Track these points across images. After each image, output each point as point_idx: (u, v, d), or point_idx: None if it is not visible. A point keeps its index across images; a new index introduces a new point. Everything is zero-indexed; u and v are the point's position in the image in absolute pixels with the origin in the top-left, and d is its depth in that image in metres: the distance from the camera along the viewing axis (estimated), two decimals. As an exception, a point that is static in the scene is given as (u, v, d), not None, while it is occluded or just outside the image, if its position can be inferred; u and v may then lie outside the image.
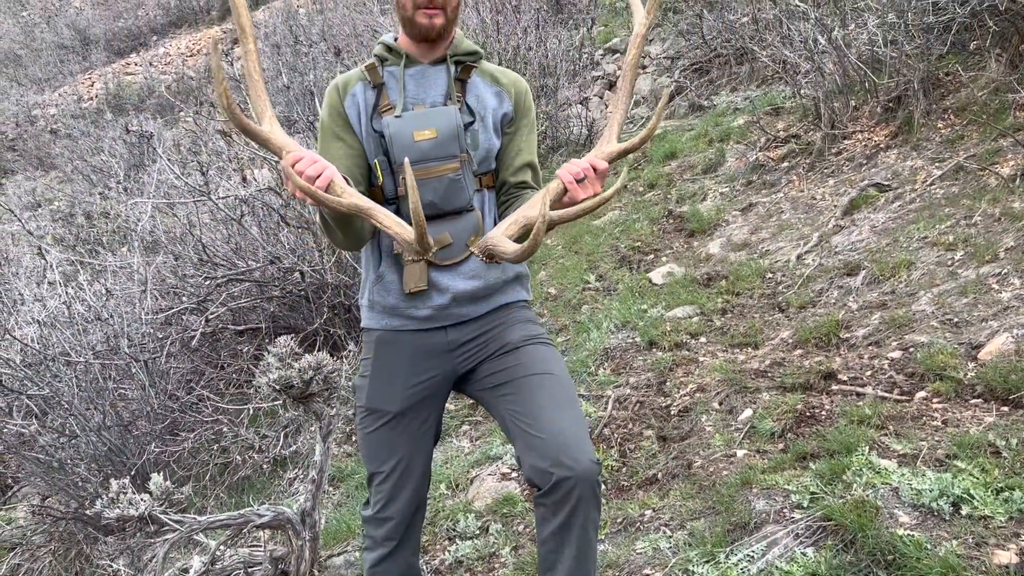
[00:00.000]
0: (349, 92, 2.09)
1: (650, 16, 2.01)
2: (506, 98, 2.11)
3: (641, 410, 3.48)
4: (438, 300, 2.06)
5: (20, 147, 17.56)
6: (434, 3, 1.98)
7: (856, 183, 4.84)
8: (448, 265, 2.05)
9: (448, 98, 2.06)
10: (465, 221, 2.03)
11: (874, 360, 3.32)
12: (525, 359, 2.05)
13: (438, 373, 2.11)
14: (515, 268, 2.16)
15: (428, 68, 2.09)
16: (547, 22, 9.64)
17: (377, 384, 2.12)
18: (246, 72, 1.82)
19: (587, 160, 1.89)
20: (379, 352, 2.14)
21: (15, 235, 10.20)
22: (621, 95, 2.01)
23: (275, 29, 17.29)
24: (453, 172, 2.00)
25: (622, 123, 2.00)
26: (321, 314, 4.76)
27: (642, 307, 4.37)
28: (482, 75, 2.13)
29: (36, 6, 27.40)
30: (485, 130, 2.07)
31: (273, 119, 1.83)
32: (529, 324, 2.15)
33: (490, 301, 2.12)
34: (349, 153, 2.06)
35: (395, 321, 2.12)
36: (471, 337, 2.11)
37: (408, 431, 2.11)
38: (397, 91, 2.06)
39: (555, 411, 1.92)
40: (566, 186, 1.86)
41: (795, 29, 5.97)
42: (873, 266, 3.97)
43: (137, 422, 4.25)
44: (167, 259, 5.06)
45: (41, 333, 4.31)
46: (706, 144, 6.54)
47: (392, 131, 2.00)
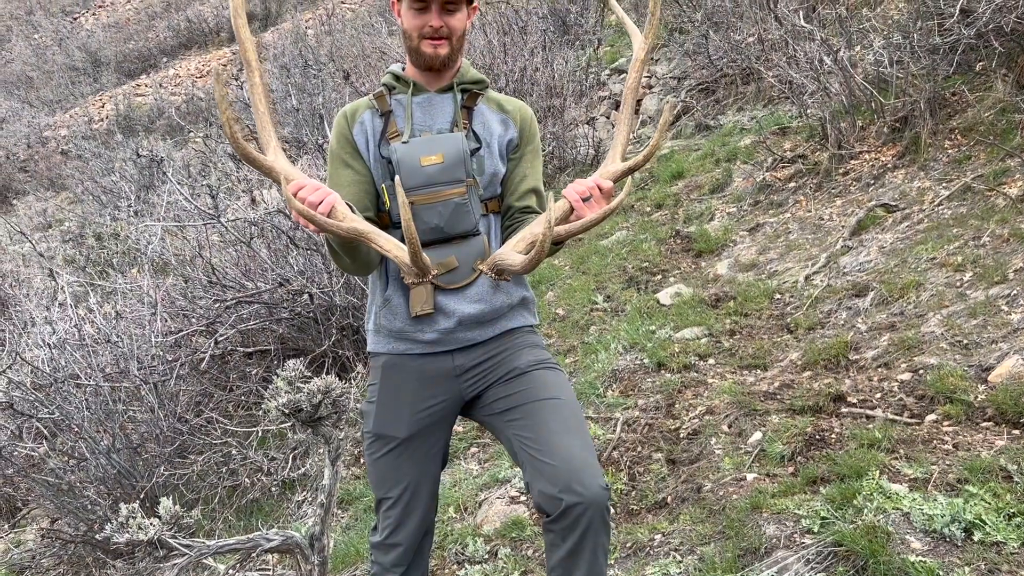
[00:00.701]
0: (357, 120, 2.13)
1: (648, 41, 2.04)
2: (511, 125, 2.14)
3: (650, 433, 3.47)
4: (444, 324, 2.08)
5: (31, 168, 17.74)
6: (439, 33, 2.02)
7: (864, 203, 4.85)
8: (454, 289, 2.07)
9: (454, 125, 2.09)
10: (471, 245, 2.05)
11: (884, 382, 3.30)
12: (533, 384, 2.05)
13: (445, 398, 2.12)
14: (521, 292, 2.18)
15: (435, 96, 2.12)
16: (554, 43, 9.72)
17: (384, 409, 2.13)
18: (252, 104, 1.86)
19: (592, 180, 1.92)
20: (385, 377, 2.15)
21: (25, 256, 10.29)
22: (624, 117, 2.05)
23: (284, 51, 17.46)
24: (459, 196, 2.03)
25: (626, 144, 2.03)
26: (330, 336, 4.77)
27: (650, 328, 4.36)
28: (488, 102, 2.16)
29: (48, 29, 27.76)
30: (491, 156, 2.10)
31: (278, 149, 1.86)
32: (536, 349, 2.16)
33: (496, 326, 2.13)
34: (357, 179, 2.09)
35: (401, 345, 2.13)
36: (478, 362, 2.11)
37: (415, 457, 2.11)
38: (404, 118, 2.09)
39: (564, 437, 1.92)
40: (572, 205, 1.89)
41: (801, 50, 6.00)
42: (882, 287, 3.96)
43: (146, 444, 4.26)
44: (177, 281, 5.09)
45: (51, 355, 4.34)
46: (713, 164, 6.56)
47: (399, 156, 2.03)
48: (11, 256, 10.77)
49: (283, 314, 4.85)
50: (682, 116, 8.41)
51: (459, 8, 2.04)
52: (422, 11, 2.01)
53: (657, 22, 2.01)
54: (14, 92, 23.52)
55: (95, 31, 26.55)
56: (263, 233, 5.07)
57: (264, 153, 1.85)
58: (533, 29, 9.73)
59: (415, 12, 2.01)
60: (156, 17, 25.57)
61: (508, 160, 2.15)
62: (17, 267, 9.81)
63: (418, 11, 2.01)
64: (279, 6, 22.82)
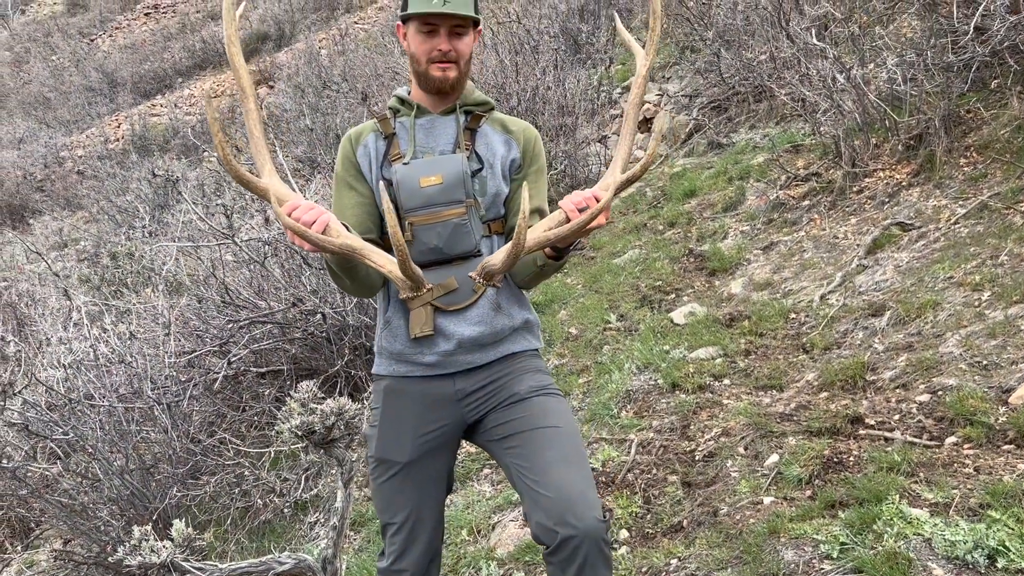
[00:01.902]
0: (361, 142, 2.15)
1: (650, 57, 2.05)
2: (514, 145, 2.15)
3: (665, 455, 3.43)
4: (444, 346, 2.07)
5: (48, 188, 17.91)
6: (447, 57, 2.03)
7: (878, 222, 4.82)
8: (454, 311, 2.06)
9: (456, 146, 2.10)
10: (471, 266, 2.05)
11: (902, 404, 3.26)
12: (532, 411, 2.04)
13: (447, 423, 2.12)
14: (524, 315, 2.17)
15: (438, 118, 2.13)
16: (565, 62, 9.75)
17: (386, 434, 2.12)
18: (247, 129, 1.88)
19: (591, 191, 1.91)
20: (387, 401, 2.15)
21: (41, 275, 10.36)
22: (625, 131, 2.06)
23: (298, 71, 17.62)
24: (458, 217, 2.03)
25: (627, 157, 2.03)
26: (342, 356, 4.77)
27: (664, 348, 4.34)
28: (492, 123, 2.17)
29: (65, 50, 28.14)
30: (493, 177, 2.10)
31: (273, 172, 1.88)
32: (538, 374, 2.15)
33: (498, 349, 2.12)
34: (361, 202, 2.11)
35: (402, 367, 2.13)
36: (479, 386, 2.11)
37: (418, 482, 2.11)
38: (407, 140, 2.11)
39: (560, 467, 1.91)
40: (568, 215, 1.88)
41: (814, 67, 5.99)
42: (898, 307, 3.92)
43: (159, 465, 4.26)
44: (190, 301, 5.11)
45: (67, 376, 4.35)
46: (726, 182, 6.55)
47: (399, 177, 2.05)
48: (27, 275, 10.86)
49: (296, 334, 4.85)
50: (694, 134, 8.40)
51: (467, 32, 2.05)
52: (430, 35, 2.02)
53: (657, 38, 2.02)
54: (32, 113, 23.82)
55: (111, 52, 26.88)
56: (276, 252, 5.08)
57: (260, 176, 1.87)
58: (545, 48, 9.77)
59: (423, 36, 2.03)
60: (171, 38, 25.87)
61: (511, 180, 2.15)
62: (33, 286, 9.88)
63: (426, 35, 2.02)
64: (293, 27, 23.04)
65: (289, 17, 23.43)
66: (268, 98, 18.23)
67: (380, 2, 22.00)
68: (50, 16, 32.76)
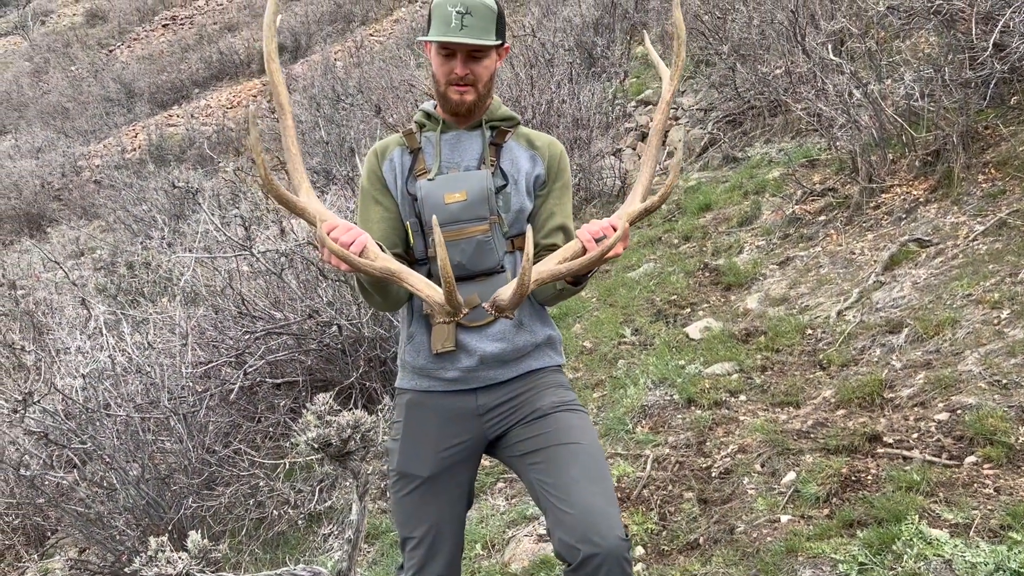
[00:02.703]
0: (387, 157, 2.16)
1: (674, 83, 2.05)
2: (539, 161, 2.15)
3: (681, 471, 3.42)
4: (466, 362, 2.08)
5: (65, 197, 18.07)
6: (464, 80, 2.04)
7: (896, 238, 4.79)
8: (477, 327, 2.07)
9: (481, 162, 2.11)
10: (494, 283, 2.06)
11: (920, 422, 3.24)
12: (555, 427, 2.04)
13: (469, 437, 2.12)
14: (546, 331, 2.17)
15: (463, 133, 2.15)
16: (580, 76, 9.78)
17: (408, 448, 2.13)
18: (284, 147, 1.89)
19: (608, 221, 1.91)
20: (409, 415, 2.16)
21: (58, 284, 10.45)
22: (648, 158, 2.05)
23: (313, 82, 17.75)
24: (482, 234, 2.04)
25: (648, 185, 2.02)
26: (357, 367, 4.78)
27: (679, 363, 4.33)
28: (517, 139, 2.18)
29: (84, 61, 28.46)
30: (518, 193, 2.11)
31: (310, 191, 1.89)
32: (560, 390, 2.15)
33: (520, 365, 2.13)
34: (386, 216, 2.12)
35: (424, 382, 2.14)
36: (501, 401, 2.11)
37: (439, 496, 2.11)
38: (433, 156, 2.12)
39: (584, 484, 1.91)
40: (584, 245, 1.88)
41: (830, 82, 5.98)
42: (916, 324, 3.90)
43: (175, 475, 4.27)
44: (207, 312, 5.14)
45: (84, 384, 4.38)
46: (741, 196, 6.53)
47: (424, 193, 2.06)
48: (44, 283, 10.96)
49: (311, 345, 4.87)
50: (709, 148, 8.40)
51: (486, 55, 2.05)
52: (448, 58, 2.03)
53: (682, 63, 2.02)
54: (50, 122, 24.07)
55: (130, 63, 27.16)
56: (292, 264, 5.11)
57: (296, 194, 1.88)
58: (559, 61, 9.81)
59: (442, 59, 2.04)
60: (189, 49, 26.11)
61: (535, 197, 2.16)
62: (51, 294, 9.97)
63: (445, 58, 2.04)
64: (309, 39, 23.22)
65: (305, 29, 23.62)
66: (284, 109, 18.33)
67: (396, 15, 22.15)
68: (69, 27, 33.16)
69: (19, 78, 28.74)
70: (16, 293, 10.06)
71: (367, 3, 23.60)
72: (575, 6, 13.73)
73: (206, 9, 29.80)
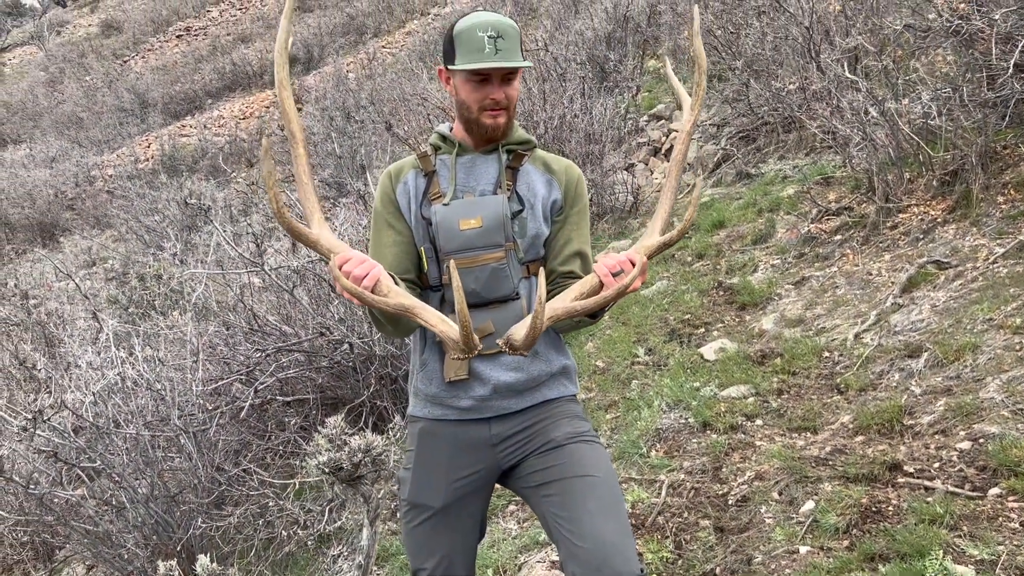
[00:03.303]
0: (401, 180, 2.13)
1: (695, 113, 2.02)
2: (556, 185, 2.12)
3: (696, 498, 3.37)
4: (479, 391, 2.05)
5: (78, 206, 18.17)
6: (499, 104, 2.01)
7: (913, 259, 4.73)
8: (490, 355, 2.04)
9: (498, 186, 2.07)
10: (509, 310, 2.03)
11: (941, 451, 3.18)
12: (569, 459, 2.01)
13: (481, 468, 2.09)
14: (561, 360, 2.14)
15: (479, 157, 2.11)
16: (592, 90, 9.76)
17: (419, 478, 2.10)
18: (296, 177, 1.87)
19: (625, 254, 1.87)
20: (421, 444, 2.13)
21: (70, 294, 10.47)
22: (667, 190, 2.01)
23: (325, 94, 17.81)
24: (497, 261, 2.01)
25: (667, 218, 1.99)
26: (368, 385, 4.74)
27: (694, 385, 4.27)
28: (534, 162, 2.14)
29: (99, 71, 28.69)
30: (534, 218, 2.07)
31: (322, 222, 1.86)
32: (575, 420, 2.11)
33: (534, 395, 2.10)
34: (399, 240, 2.09)
35: (437, 410, 2.11)
36: (515, 431, 2.08)
37: (452, 528, 2.08)
38: (448, 179, 2.09)
39: (598, 518, 1.88)
40: (601, 280, 1.84)
41: (845, 100, 5.94)
42: (936, 348, 3.84)
43: (184, 494, 4.24)
44: (218, 328, 5.12)
45: (94, 401, 4.36)
46: (755, 214, 6.48)
47: (438, 219, 2.02)
48: (56, 293, 10.99)
49: (322, 362, 4.84)
50: (722, 164, 8.35)
51: (516, 77, 2.03)
52: (482, 84, 1.99)
53: (703, 93, 1.99)
54: (65, 132, 24.24)
55: (144, 73, 27.37)
56: (304, 280, 5.09)
57: (309, 225, 1.85)
58: (571, 76, 9.79)
59: (475, 85, 1.99)
60: (202, 60, 26.29)
61: (552, 222, 2.12)
62: (62, 304, 9.99)
63: (479, 84, 1.99)
64: (321, 50, 23.33)
65: (318, 40, 23.74)
66: (296, 120, 18.40)
67: (408, 27, 22.23)
68: (85, 37, 33.46)
69: (34, 88, 29.00)
70: (28, 303, 10.09)
71: (379, 15, 23.71)
72: (587, 20, 13.74)
73: (220, 20, 30.02)
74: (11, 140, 25.44)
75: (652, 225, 1.95)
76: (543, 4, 18.50)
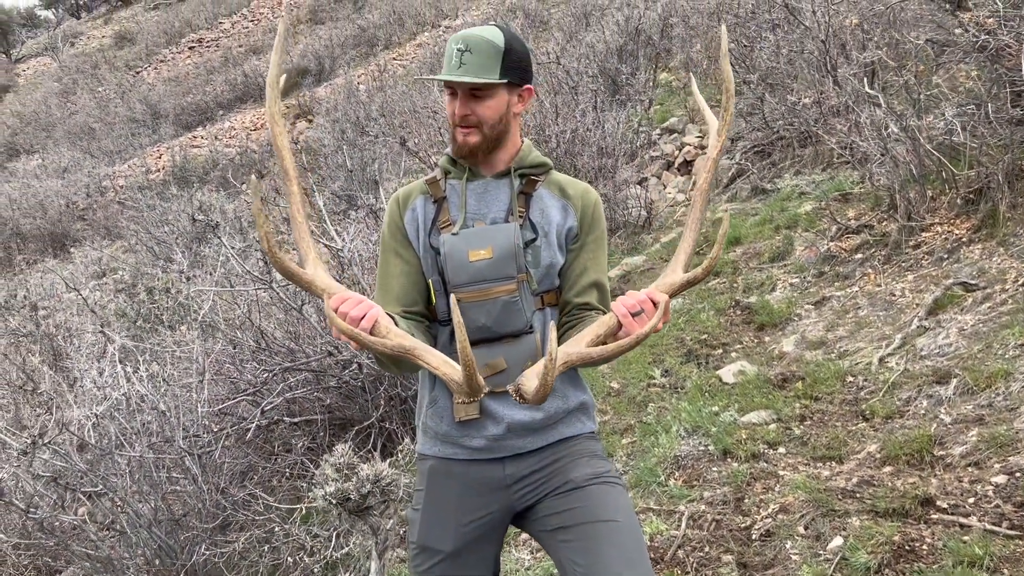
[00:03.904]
0: (409, 206, 2.02)
1: (722, 138, 1.91)
2: (571, 212, 2.00)
3: (718, 530, 3.24)
4: (492, 430, 1.94)
5: (89, 217, 18.18)
6: (466, 121, 1.92)
7: (938, 279, 4.60)
8: (503, 392, 1.92)
9: (510, 214, 1.96)
10: (522, 345, 1.91)
11: (976, 485, 3.04)
12: (589, 502, 1.89)
13: (495, 510, 1.97)
14: (579, 397, 2.03)
15: (491, 182, 2.00)
16: (604, 103, 9.67)
17: (429, 520, 1.99)
18: (291, 215, 1.78)
19: (645, 293, 1.75)
20: (431, 484, 2.01)
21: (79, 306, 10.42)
22: (691, 223, 1.89)
23: (336, 105, 17.81)
24: (508, 294, 1.89)
25: (691, 253, 1.86)
26: (377, 406, 4.63)
27: (713, 409, 4.14)
28: (549, 186, 2.03)
29: (112, 82, 28.85)
30: (548, 246, 1.96)
31: (317, 261, 1.77)
32: (595, 459, 1.99)
33: (550, 433, 1.98)
34: (406, 271, 1.98)
35: (448, 449, 2.00)
36: (531, 471, 1.97)
37: (463, 572, 1.96)
38: (458, 206, 1.98)
39: (620, 567, 1.76)
40: (620, 320, 1.72)
41: (865, 115, 5.82)
42: (965, 374, 3.70)
43: (188, 518, 4.13)
44: (225, 346, 5.02)
45: (96, 423, 4.26)
46: (772, 231, 6.36)
47: (447, 249, 1.91)
48: (65, 304, 10.95)
49: (331, 382, 4.73)
50: (737, 179, 8.24)
51: (489, 95, 1.91)
52: (453, 97, 1.92)
53: (731, 117, 1.88)
54: (77, 143, 24.34)
55: (156, 84, 27.50)
56: (312, 298, 4.99)
57: (303, 265, 1.76)
58: (583, 89, 9.71)
59: (449, 98, 1.93)
60: (214, 71, 26.39)
61: (567, 251, 2.01)
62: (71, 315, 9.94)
63: (450, 97, 1.92)
64: (332, 62, 23.37)
65: (329, 52, 23.79)
66: (307, 132, 18.43)
67: (419, 39, 22.25)
68: (98, 49, 33.68)
69: (48, 99, 29.18)
70: (37, 315, 10.05)
71: (390, 27, 23.75)
72: (598, 32, 13.68)
73: (232, 32, 30.16)
74: (24, 150, 25.57)
75: (675, 260, 1.82)
76: (554, 16, 18.48)
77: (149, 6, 37.19)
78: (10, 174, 22.70)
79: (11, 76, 34.58)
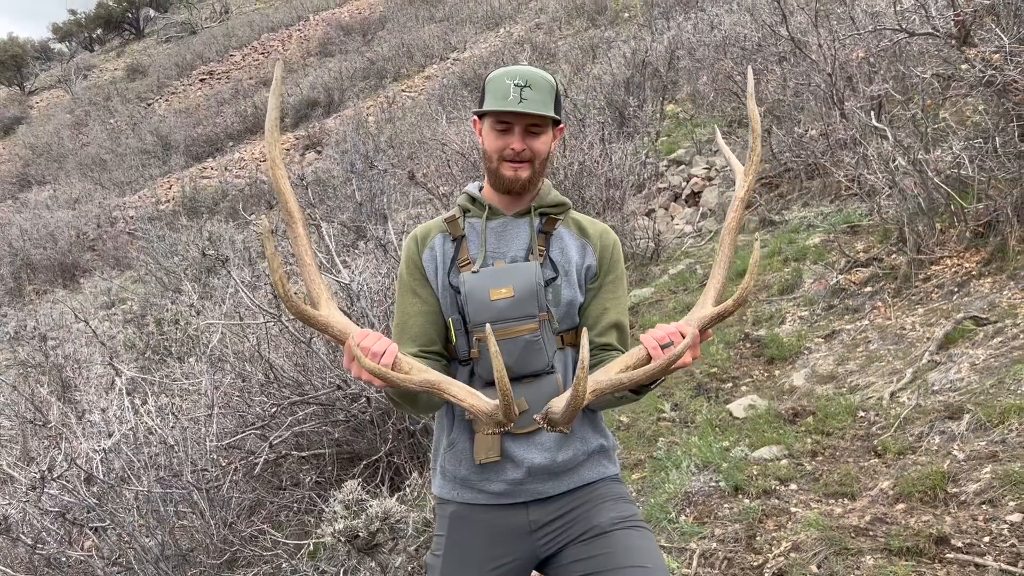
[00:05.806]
0: (428, 245, 2.02)
1: (749, 180, 1.92)
2: (590, 251, 2.00)
3: (730, 569, 3.20)
4: (512, 474, 1.92)
5: (99, 247, 18.30)
6: (520, 156, 1.91)
7: (949, 313, 4.58)
8: (523, 434, 1.91)
9: (530, 253, 1.96)
10: (543, 385, 1.90)
11: (991, 523, 3.01)
12: (615, 548, 1.86)
13: (518, 557, 1.94)
14: (598, 440, 2.01)
15: (511, 221, 2.00)
16: (612, 135, 9.73)
17: (450, 566, 1.95)
18: (298, 257, 1.77)
19: (676, 326, 1.75)
20: (452, 530, 1.98)
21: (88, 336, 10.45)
22: (721, 259, 1.91)
23: (345, 136, 17.96)
24: (530, 333, 1.89)
25: (721, 289, 1.87)
26: (386, 440, 4.62)
27: (724, 444, 4.11)
28: (568, 226, 2.04)
29: (123, 113, 29.18)
30: (569, 285, 1.96)
31: (330, 303, 1.76)
32: (620, 503, 1.97)
33: (572, 478, 1.96)
34: (425, 310, 1.97)
35: (468, 494, 1.97)
36: (555, 517, 1.94)
37: None
38: (478, 245, 1.98)
39: None
40: (649, 352, 1.72)
41: (872, 148, 5.84)
42: (978, 410, 3.67)
43: (195, 553, 4.11)
44: (234, 380, 5.02)
45: (104, 458, 4.25)
46: (781, 263, 6.35)
47: (467, 289, 1.90)
48: (74, 334, 10.98)
49: (339, 416, 4.72)
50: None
51: (544, 131, 1.93)
52: (504, 133, 1.91)
53: (758, 159, 1.89)
54: (88, 174, 24.58)
55: (167, 116, 27.81)
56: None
57: (316, 307, 1.75)
58: (591, 122, 9.77)
59: (497, 133, 1.91)
60: (224, 103, 26.69)
61: (587, 290, 2.01)
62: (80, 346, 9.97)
63: (500, 132, 1.91)
64: (342, 94, 23.62)
65: (338, 84, 24.05)
66: (316, 163, 18.58)
67: (427, 71, 22.49)
68: (111, 81, 34.14)
69: (60, 130, 29.52)
70: (46, 346, 10.08)
71: (399, 60, 24.01)
72: (605, 64, 13.80)
73: (242, 64, 30.55)
74: (36, 181, 25.83)
75: (705, 295, 1.83)
76: (561, 49, 18.66)
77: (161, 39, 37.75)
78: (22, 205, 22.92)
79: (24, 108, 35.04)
